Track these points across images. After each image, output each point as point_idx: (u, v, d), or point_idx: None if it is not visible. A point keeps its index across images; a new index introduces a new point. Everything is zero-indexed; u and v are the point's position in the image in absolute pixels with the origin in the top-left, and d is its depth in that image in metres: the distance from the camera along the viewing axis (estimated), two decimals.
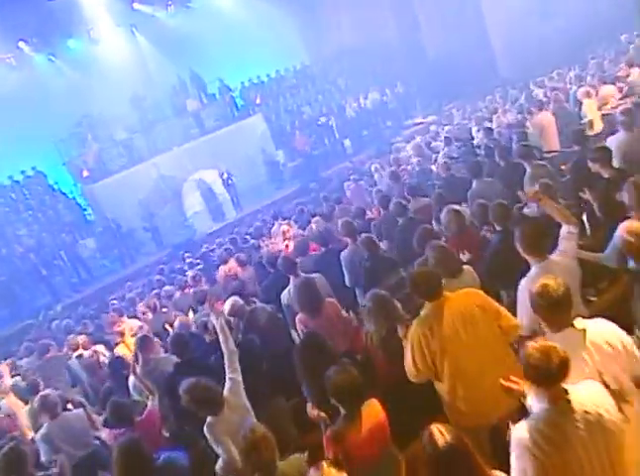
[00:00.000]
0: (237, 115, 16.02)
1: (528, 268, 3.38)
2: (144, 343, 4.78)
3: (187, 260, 9.96)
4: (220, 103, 16.08)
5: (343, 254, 5.29)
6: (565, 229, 3.45)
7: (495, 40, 15.70)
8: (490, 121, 10.34)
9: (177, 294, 7.17)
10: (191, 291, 6.98)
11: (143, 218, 13.49)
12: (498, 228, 4.25)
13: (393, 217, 5.91)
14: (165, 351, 4.93)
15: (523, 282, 3.21)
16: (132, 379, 4.46)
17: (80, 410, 4.35)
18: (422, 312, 3.15)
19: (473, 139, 7.81)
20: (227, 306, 4.79)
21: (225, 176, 13.87)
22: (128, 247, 13.47)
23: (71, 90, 14.21)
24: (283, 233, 7.61)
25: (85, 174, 14.08)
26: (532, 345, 2.20)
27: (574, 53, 12.13)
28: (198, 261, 9.59)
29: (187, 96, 15.71)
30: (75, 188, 14.92)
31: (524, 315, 3.11)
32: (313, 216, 8.09)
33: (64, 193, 14.44)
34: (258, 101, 16.64)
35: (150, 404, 4.07)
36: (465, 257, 4.39)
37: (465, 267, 3.91)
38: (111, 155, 14.34)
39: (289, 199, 13.09)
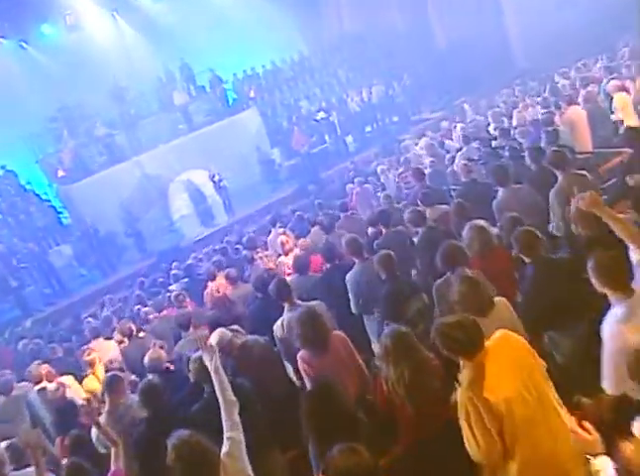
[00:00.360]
0: (229, 109, 15.67)
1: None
2: (112, 385, 4.23)
3: (172, 272, 9.38)
4: (211, 96, 15.68)
5: (348, 275, 4.80)
6: (638, 254, 2.92)
7: (512, 26, 15.28)
8: (508, 117, 9.93)
9: (157, 316, 6.66)
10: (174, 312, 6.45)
11: (125, 222, 13.10)
12: (528, 260, 3.74)
13: (403, 233, 5.41)
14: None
15: (608, 325, 2.68)
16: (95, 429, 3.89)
17: (32, 469, 3.77)
18: (465, 376, 2.62)
19: (495, 138, 7.27)
20: (212, 340, 4.24)
21: (216, 178, 13.42)
22: (108, 254, 12.98)
23: (45, 81, 13.82)
24: (282, 245, 7.06)
25: (61, 173, 13.69)
26: (631, 448, 1.67)
27: (600, 40, 11.60)
28: (182, 273, 9.02)
29: (174, 88, 15.32)
30: (50, 189, 14.51)
31: (612, 370, 2.59)
32: (313, 225, 7.63)
33: (38, 195, 13.94)
34: (252, 94, 16.30)
35: (114, 464, 3.52)
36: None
37: (497, 299, 3.42)
38: (90, 152, 13.95)
39: (286, 202, 12.75)
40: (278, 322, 4.35)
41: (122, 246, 13.32)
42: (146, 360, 4.70)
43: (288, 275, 6.11)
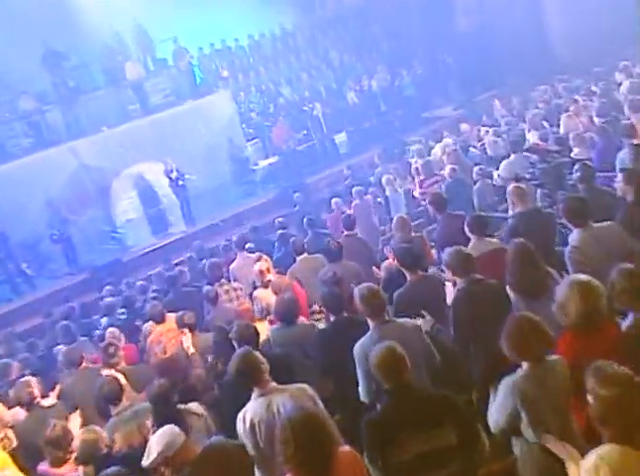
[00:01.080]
0: (196, 90, 15.10)
1: None
2: None
3: (106, 299, 8.45)
4: (173, 72, 15.06)
5: (359, 346, 3.88)
6: None
7: (552, 10, 14.98)
8: (547, 121, 9.41)
9: (74, 373, 5.52)
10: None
11: (51, 224, 12.08)
12: None
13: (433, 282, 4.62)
14: None
15: None
16: None
17: None
18: None
19: (557, 151, 6.34)
20: (155, 446, 3.25)
21: (174, 174, 12.60)
22: (27, 264, 11.93)
23: None
24: (261, 274, 6.15)
25: None
26: None
27: None
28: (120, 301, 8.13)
29: (127, 59, 14.57)
30: None
31: None
32: (300, 252, 6.68)
33: None
34: (225, 74, 15.79)
35: None
36: None
37: None
38: (11, 132, 13.11)
39: (261, 212, 12.31)
40: (240, 415, 3.56)
41: (46, 255, 12.29)
42: (76, 443, 3.87)
43: (270, 320, 5.36)
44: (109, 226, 13.04)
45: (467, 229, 5.00)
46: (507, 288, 4.10)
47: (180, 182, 12.70)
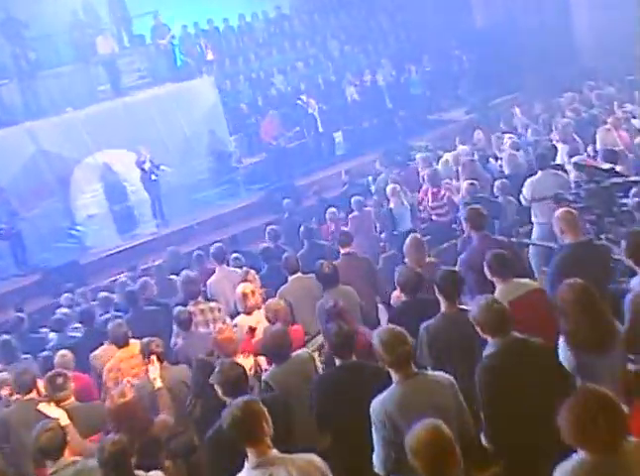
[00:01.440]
0: (176, 73, 14.90)
1: None
2: None
3: (60, 310, 8.16)
4: (151, 51, 14.94)
5: (378, 403, 3.45)
6: None
7: (580, 7, 14.80)
8: (576, 133, 9.03)
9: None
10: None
11: None
12: None
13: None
14: None
15: None
16: None
17: None
18: None
19: (609, 170, 5.87)
20: None
21: (147, 165, 12.27)
22: None
23: None
24: (244, 297, 5.70)
25: None
26: None
27: None
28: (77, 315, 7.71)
29: (99, 33, 14.25)
30: None
31: None
32: (293, 271, 6.29)
33: None
34: (210, 57, 15.56)
35: None
36: None
37: None
38: None
39: (243, 217, 12.24)
40: None
41: None
42: None
43: (255, 353, 4.89)
44: (67, 222, 12.82)
45: (486, 271, 4.52)
46: (561, 342, 3.57)
47: (153, 177, 12.37)
